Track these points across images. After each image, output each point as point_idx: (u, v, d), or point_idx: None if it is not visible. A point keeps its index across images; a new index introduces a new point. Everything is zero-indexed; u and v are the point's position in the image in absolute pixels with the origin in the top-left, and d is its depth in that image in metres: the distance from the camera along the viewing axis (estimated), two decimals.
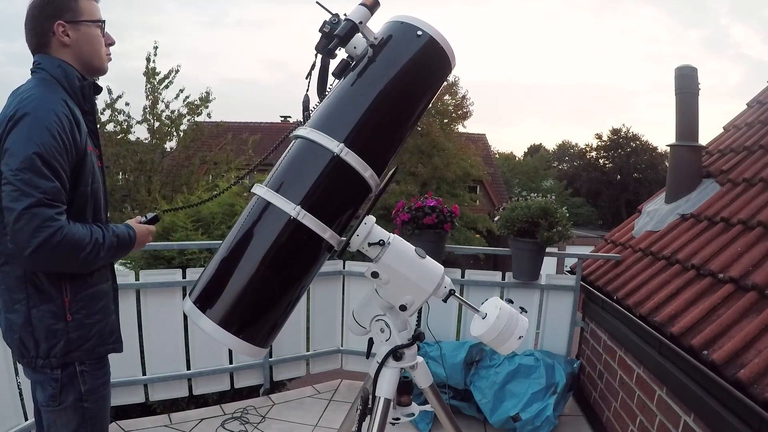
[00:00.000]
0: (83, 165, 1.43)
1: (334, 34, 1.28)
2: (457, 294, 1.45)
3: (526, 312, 1.48)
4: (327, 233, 1.29)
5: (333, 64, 1.35)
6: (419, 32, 1.34)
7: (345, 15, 1.30)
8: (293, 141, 1.38)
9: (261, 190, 1.30)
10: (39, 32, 1.46)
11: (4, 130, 1.33)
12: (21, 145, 1.30)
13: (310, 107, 1.38)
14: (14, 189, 1.27)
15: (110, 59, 1.59)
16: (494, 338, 1.38)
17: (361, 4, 1.32)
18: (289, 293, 1.36)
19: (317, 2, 1.31)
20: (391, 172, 1.42)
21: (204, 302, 1.31)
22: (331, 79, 1.38)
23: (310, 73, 1.36)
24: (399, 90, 1.34)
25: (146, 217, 1.65)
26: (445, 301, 1.44)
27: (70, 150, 1.37)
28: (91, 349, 1.50)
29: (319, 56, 1.33)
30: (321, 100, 1.38)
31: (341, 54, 1.35)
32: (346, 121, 1.30)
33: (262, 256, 1.29)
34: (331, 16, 1.31)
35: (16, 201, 1.27)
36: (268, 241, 1.29)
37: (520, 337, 1.40)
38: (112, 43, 1.58)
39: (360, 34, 1.31)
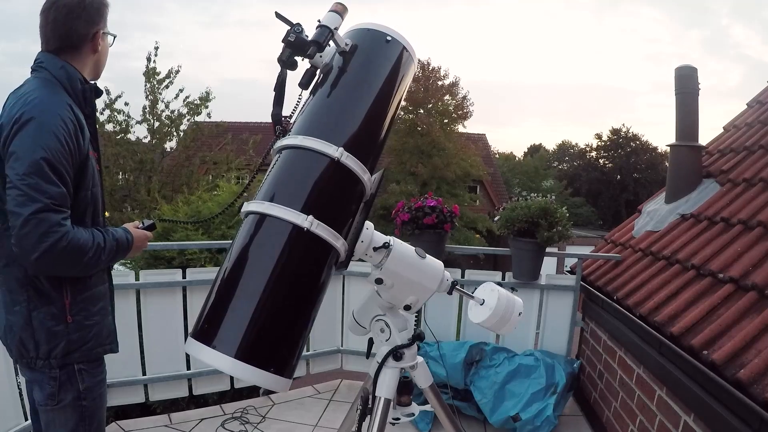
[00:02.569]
0: (85, 169, 1.43)
1: (312, 40, 1.26)
2: (457, 286, 1.48)
3: (516, 291, 1.50)
4: (339, 242, 1.24)
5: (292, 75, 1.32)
6: (388, 38, 1.36)
7: (319, 21, 1.29)
8: (277, 155, 1.30)
9: (261, 207, 1.20)
10: (72, 34, 1.45)
11: (9, 132, 1.32)
12: (28, 150, 1.29)
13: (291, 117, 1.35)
14: (21, 194, 1.26)
15: None
16: (496, 322, 1.41)
17: (332, 10, 1.31)
18: (307, 313, 1.26)
19: (276, 13, 1.28)
20: (379, 176, 1.41)
21: (213, 336, 1.14)
22: (295, 90, 1.35)
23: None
24: (382, 93, 1.35)
25: (143, 223, 1.66)
26: (450, 293, 1.46)
27: (75, 155, 1.37)
28: (89, 349, 1.51)
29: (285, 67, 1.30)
30: (279, 112, 1.32)
31: (302, 65, 1.32)
32: (337, 127, 1.28)
33: (275, 276, 1.17)
34: (293, 25, 1.28)
35: (23, 206, 1.26)
36: (281, 259, 1.18)
37: (519, 314, 1.44)
38: None
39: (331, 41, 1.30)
